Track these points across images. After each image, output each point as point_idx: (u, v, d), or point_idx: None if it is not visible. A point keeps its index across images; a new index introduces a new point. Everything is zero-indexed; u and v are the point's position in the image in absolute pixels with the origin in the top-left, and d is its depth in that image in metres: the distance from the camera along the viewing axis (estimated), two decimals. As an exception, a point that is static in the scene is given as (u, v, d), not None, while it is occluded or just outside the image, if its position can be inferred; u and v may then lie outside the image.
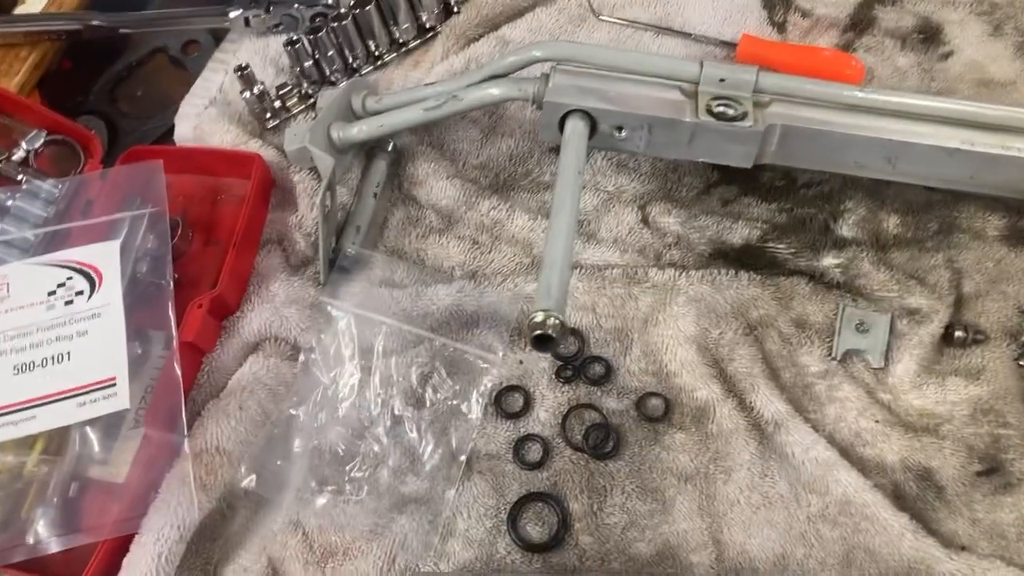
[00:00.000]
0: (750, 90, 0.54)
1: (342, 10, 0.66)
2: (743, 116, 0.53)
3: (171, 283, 0.58)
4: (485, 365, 0.56)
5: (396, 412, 0.55)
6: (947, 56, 0.65)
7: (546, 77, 0.56)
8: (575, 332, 0.58)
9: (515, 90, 0.57)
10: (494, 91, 0.57)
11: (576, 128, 0.53)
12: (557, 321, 0.42)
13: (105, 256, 0.58)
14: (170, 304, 0.57)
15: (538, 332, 0.42)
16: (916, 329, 0.55)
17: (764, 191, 0.62)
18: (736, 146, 0.54)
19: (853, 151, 0.54)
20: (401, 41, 0.69)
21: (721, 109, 0.54)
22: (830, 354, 0.56)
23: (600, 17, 0.68)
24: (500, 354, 0.56)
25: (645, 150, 0.55)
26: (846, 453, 0.53)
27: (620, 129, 0.54)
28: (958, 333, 0.55)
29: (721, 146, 0.54)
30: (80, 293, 0.57)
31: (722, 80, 0.54)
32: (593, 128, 0.55)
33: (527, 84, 0.56)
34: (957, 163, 0.54)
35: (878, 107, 0.54)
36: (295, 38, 0.65)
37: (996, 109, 0.54)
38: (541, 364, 0.57)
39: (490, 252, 0.61)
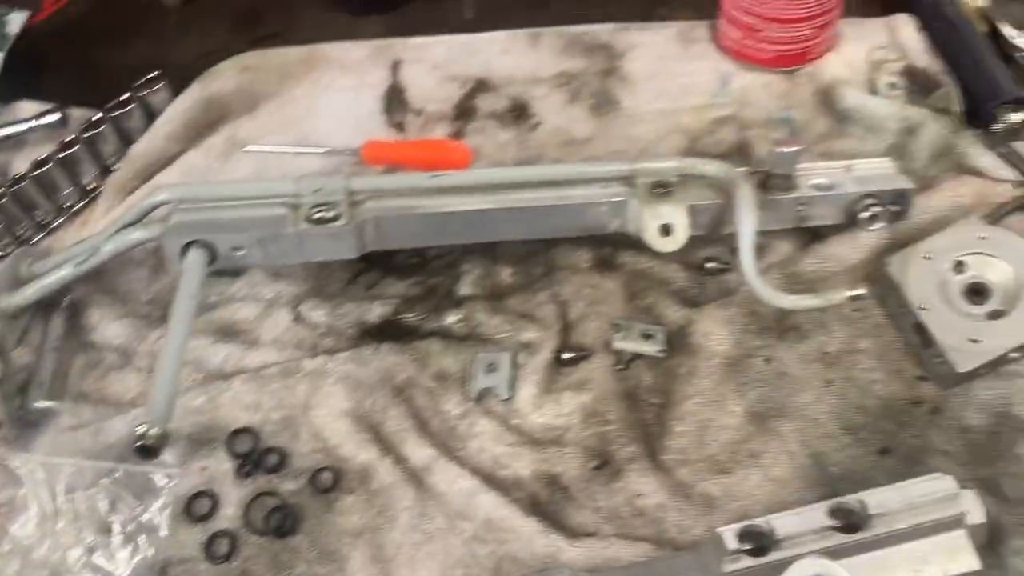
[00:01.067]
0: (344, 194, 0.64)
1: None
2: (338, 217, 0.63)
3: None
4: (168, 481, 0.62)
5: (89, 545, 0.60)
6: (536, 127, 0.77)
7: (168, 217, 0.64)
8: (248, 430, 0.64)
9: (145, 233, 0.64)
10: (128, 237, 0.65)
11: (194, 258, 0.61)
12: (158, 431, 0.49)
13: None
14: None
15: (139, 443, 0.49)
16: (531, 359, 0.65)
17: (401, 270, 0.71)
18: (339, 243, 0.63)
19: (437, 226, 0.64)
20: (67, 206, 0.76)
21: (320, 215, 0.63)
22: (467, 397, 0.65)
23: (245, 150, 0.77)
24: (180, 468, 0.63)
25: (266, 262, 0.64)
26: (490, 478, 0.61)
27: (238, 249, 0.63)
28: (565, 355, 0.65)
29: (327, 245, 0.63)
30: None
31: (317, 190, 0.64)
32: (215, 254, 0.63)
33: (155, 226, 0.64)
34: (526, 218, 0.65)
35: (449, 186, 0.65)
36: (-43, 225, 0.71)
37: (547, 168, 0.66)
38: (224, 467, 0.63)
39: (168, 375, 0.67)
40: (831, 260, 0.66)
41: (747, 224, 0.60)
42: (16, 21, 0.85)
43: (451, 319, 0.67)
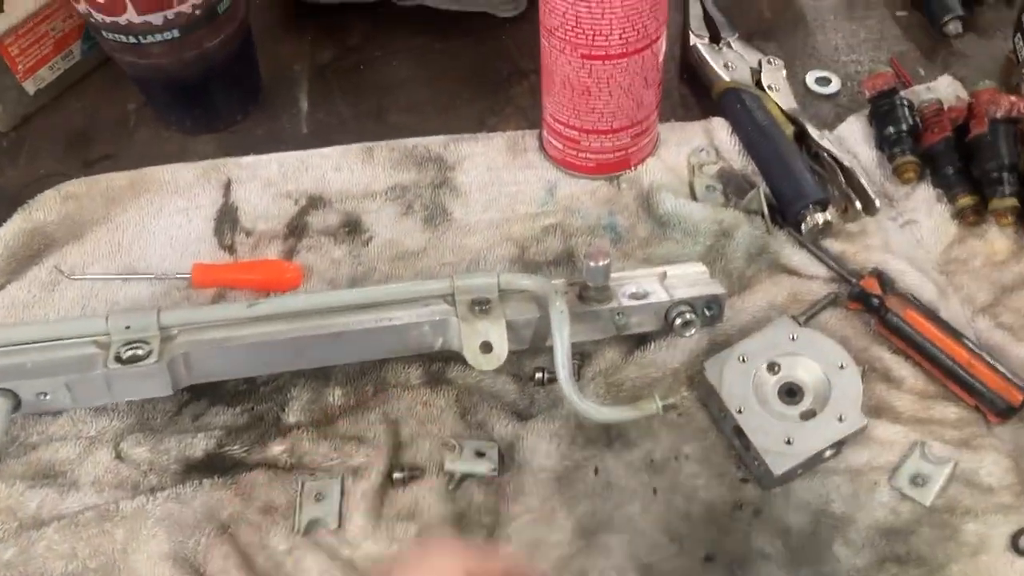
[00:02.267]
0: (156, 328, 0.63)
1: None
2: (149, 354, 0.61)
3: None
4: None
5: None
6: (368, 241, 0.77)
7: (-33, 364, 0.61)
8: (62, 582, 0.61)
9: (-55, 382, 0.62)
10: (-72, 387, 0.62)
11: (-6, 406, 0.59)
12: None
13: None
14: None
15: None
16: (360, 484, 0.64)
17: (229, 397, 0.69)
18: (150, 381, 0.62)
19: (256, 356, 0.63)
20: None
21: (131, 353, 0.62)
22: (294, 529, 0.63)
23: (70, 277, 0.75)
24: (-15, 629, 0.59)
25: (75, 405, 0.62)
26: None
27: (44, 394, 0.61)
28: (396, 475, 0.64)
29: (138, 384, 0.62)
30: None
31: (128, 327, 0.62)
32: (19, 401, 0.60)
33: (-45, 374, 0.62)
34: (348, 343, 0.64)
35: (268, 314, 0.64)
36: None
37: (367, 291, 0.66)
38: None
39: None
40: (653, 366, 0.67)
41: (561, 338, 0.61)
42: None
43: (277, 449, 0.65)
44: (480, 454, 0.64)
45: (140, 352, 0.62)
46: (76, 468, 0.66)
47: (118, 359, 0.61)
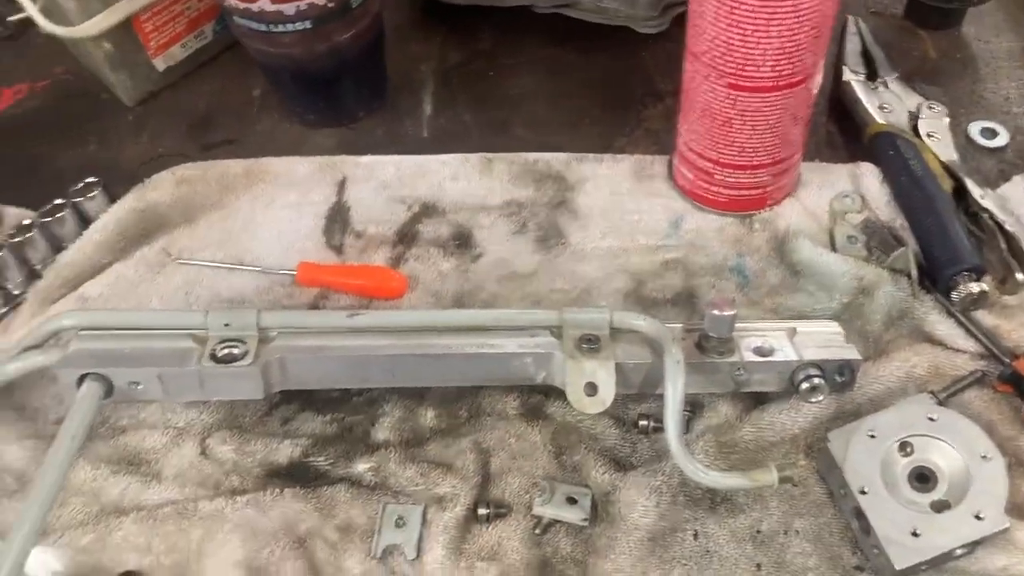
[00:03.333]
0: (255, 329, 0.61)
1: (-84, 295, 0.71)
2: (244, 355, 0.59)
3: None
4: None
5: None
6: (478, 257, 0.74)
7: (68, 344, 0.60)
8: (135, 574, 0.60)
9: (46, 359, 0.61)
10: (30, 361, 0.61)
11: (87, 391, 0.58)
12: None
13: None
14: None
15: None
16: (442, 515, 0.60)
17: (321, 404, 0.67)
18: (243, 382, 0.60)
19: (351, 368, 0.61)
20: (-11, 311, 0.74)
21: (227, 351, 0.60)
22: (370, 554, 0.60)
23: (177, 261, 0.74)
24: (56, 613, 0.58)
25: (165, 397, 0.60)
26: (383, 650, 0.56)
27: (137, 383, 0.59)
28: (481, 510, 0.61)
29: (230, 385, 0.60)
30: None
31: (227, 324, 0.61)
32: (111, 387, 0.59)
33: (56, 352, 0.61)
34: (446, 365, 0.61)
35: (368, 327, 0.61)
36: None
37: (471, 314, 0.63)
38: (108, 614, 0.59)
39: (60, 507, 0.63)
40: (771, 430, 0.62)
41: (674, 393, 0.56)
42: (-28, 111, 0.84)
43: (362, 467, 0.62)
44: (572, 500, 0.60)
45: (236, 351, 0.60)
46: (161, 459, 0.65)
47: (213, 357, 0.59)
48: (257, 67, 0.84)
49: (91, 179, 0.76)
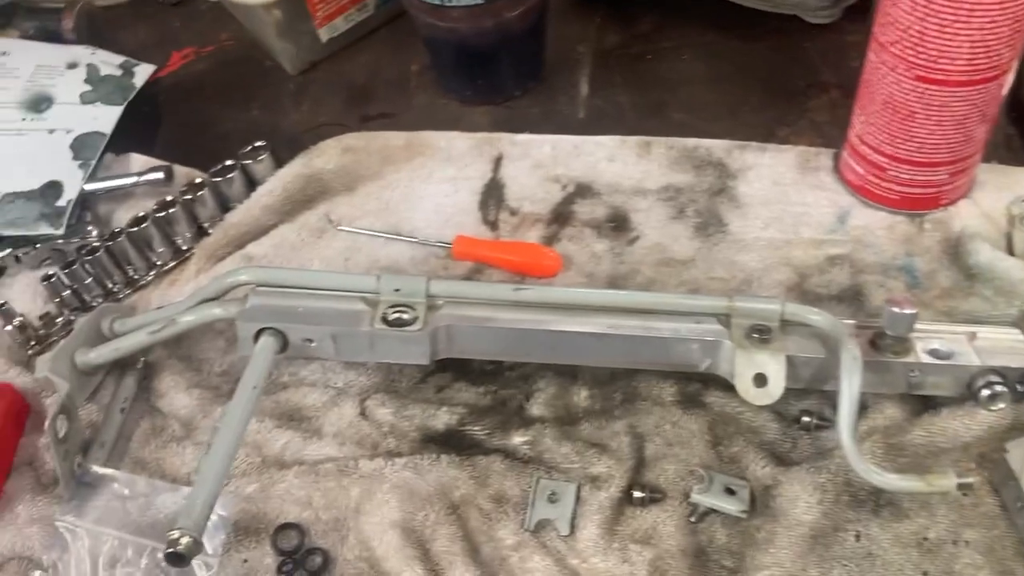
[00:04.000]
0: (423, 296, 0.62)
1: (96, 243, 0.74)
2: (414, 320, 0.61)
3: (-87, 516, 0.62)
4: (207, 570, 0.60)
5: (122, 623, 0.59)
6: (634, 241, 0.73)
7: (245, 298, 0.63)
8: (295, 526, 0.62)
9: (222, 311, 0.63)
10: (207, 313, 0.64)
11: (265, 344, 0.60)
12: (190, 539, 0.47)
13: None
14: (-88, 537, 0.61)
15: (170, 550, 0.47)
16: (597, 495, 0.60)
17: (475, 375, 0.68)
18: (412, 347, 0.61)
19: (514, 341, 0.61)
20: (159, 263, 0.77)
21: (396, 316, 0.61)
22: (523, 526, 0.61)
23: (337, 228, 0.76)
24: (221, 556, 0.60)
25: (336, 356, 0.62)
26: (538, 621, 0.57)
27: (310, 340, 0.61)
28: (636, 493, 0.60)
29: (399, 348, 0.61)
30: None
31: (397, 289, 0.62)
32: (286, 342, 0.61)
33: (232, 305, 0.63)
34: (608, 345, 0.61)
35: (532, 301, 0.62)
36: (51, 273, 0.72)
37: (637, 295, 0.62)
38: (265, 560, 0.61)
39: (225, 455, 0.66)
40: (943, 435, 0.59)
41: (850, 390, 0.55)
42: (142, 73, 0.88)
43: (518, 439, 0.63)
44: (730, 491, 0.59)
45: (405, 316, 0.61)
46: (321, 416, 0.67)
47: (384, 320, 0.61)
48: (418, 42, 0.85)
49: (259, 143, 0.78)
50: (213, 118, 0.89)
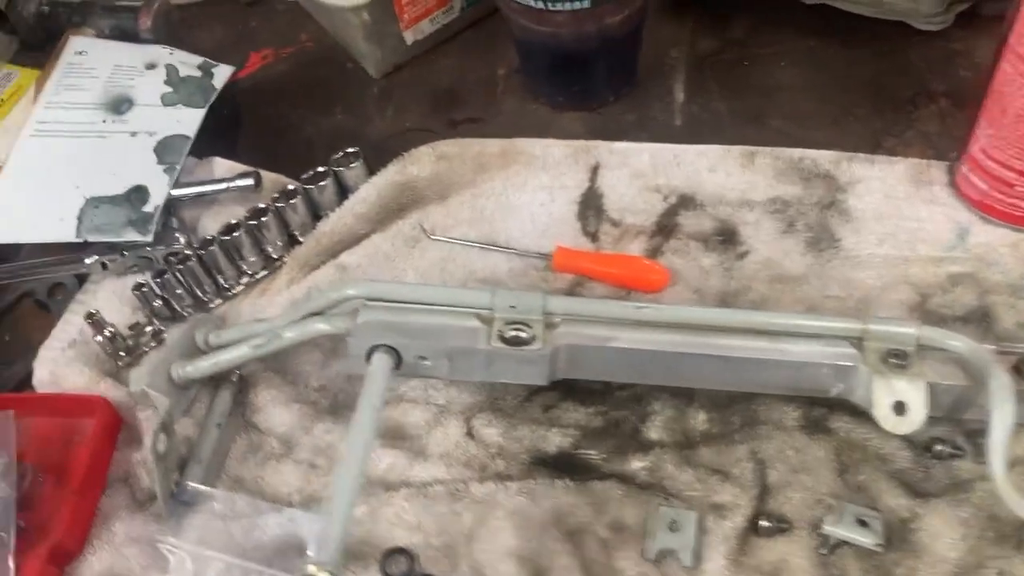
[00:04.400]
0: (540, 313, 0.59)
1: (187, 251, 0.72)
2: (533, 339, 0.58)
3: (12, 535, 0.60)
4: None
5: (228, 649, 0.57)
6: (744, 255, 0.71)
7: (355, 313, 0.60)
8: (404, 551, 0.60)
9: (331, 326, 0.61)
10: (313, 328, 0.62)
11: (381, 362, 0.57)
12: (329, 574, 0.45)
13: (-51, 512, 0.61)
14: (10, 557, 0.59)
15: None
16: (722, 524, 0.58)
17: (583, 395, 0.65)
18: (530, 367, 0.58)
19: (635, 363, 0.59)
20: (249, 272, 0.74)
21: (513, 334, 0.59)
22: (644, 555, 0.58)
23: (432, 237, 0.74)
24: (330, 580, 0.58)
25: (450, 375, 0.60)
26: (662, 656, 0.55)
27: (424, 358, 0.59)
28: (763, 523, 0.58)
29: (516, 368, 0.59)
30: (-79, 556, 0.59)
31: (513, 306, 0.59)
32: (400, 358, 0.59)
33: (341, 320, 0.61)
34: (735, 368, 0.58)
35: (656, 320, 0.59)
36: (142, 282, 0.70)
37: (763, 315, 0.60)
38: (374, 584, 0.59)
39: (327, 475, 0.64)
40: (1090, 466, 0.57)
41: (1003, 421, 0.52)
42: (221, 75, 0.85)
43: (636, 464, 0.61)
44: (862, 522, 0.57)
45: (523, 335, 0.59)
46: (425, 436, 0.65)
47: (501, 338, 0.58)
48: (505, 44, 0.83)
49: (351, 149, 0.76)
50: (295, 122, 0.86)
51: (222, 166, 0.81)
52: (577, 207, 0.75)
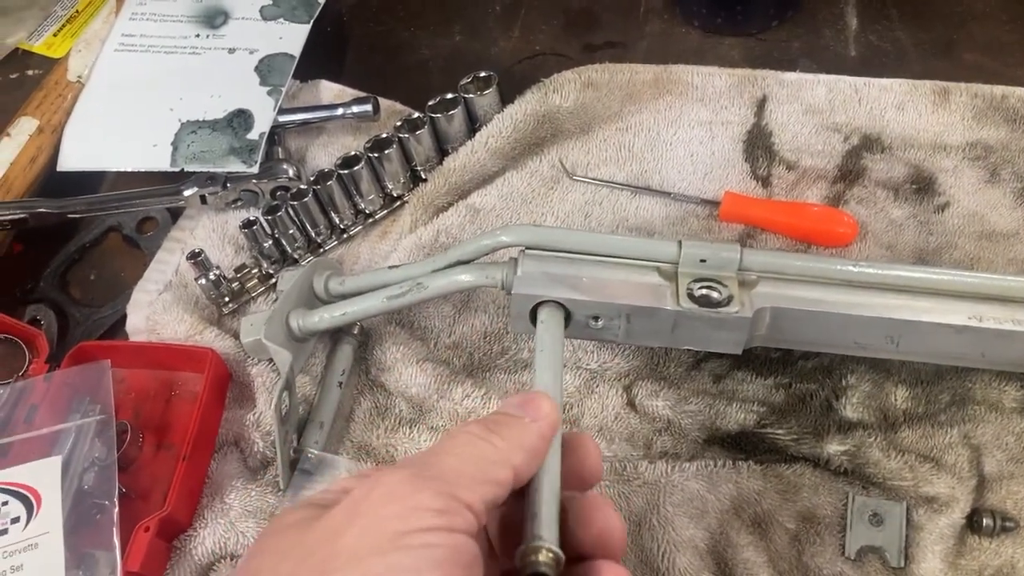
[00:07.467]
0: (734, 269, 0.50)
1: (302, 185, 0.63)
2: (728, 300, 0.49)
3: (116, 503, 0.53)
4: None
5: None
6: (943, 208, 0.61)
7: (514, 263, 0.51)
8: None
9: (483, 277, 0.52)
10: (460, 279, 0.53)
11: (552, 318, 0.48)
12: (552, 555, 0.36)
13: (46, 475, 0.53)
14: (114, 529, 0.52)
15: (530, 571, 0.36)
16: (936, 519, 0.50)
17: (758, 364, 0.57)
18: (724, 333, 0.49)
19: (851, 331, 0.50)
20: (367, 212, 0.66)
21: (704, 292, 0.50)
22: (843, 552, 0.50)
23: (573, 177, 0.65)
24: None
25: (624, 339, 0.51)
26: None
27: (596, 319, 0.50)
28: (986, 521, 0.50)
29: (707, 334, 0.50)
30: (16, 520, 0.52)
31: (703, 260, 0.50)
32: (568, 317, 0.50)
33: (494, 270, 0.52)
34: (966, 340, 0.49)
35: (875, 282, 0.50)
36: (252, 219, 0.62)
37: (1003, 279, 0.50)
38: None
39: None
40: None
41: None
42: (323, -11, 0.76)
43: (834, 448, 0.52)
44: (1109, 526, 0.48)
45: (715, 295, 0.50)
46: (579, 404, 0.56)
47: (691, 297, 0.50)
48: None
49: (483, 73, 0.66)
50: (407, 43, 0.77)
51: (329, 90, 0.72)
52: (743, 146, 0.66)
